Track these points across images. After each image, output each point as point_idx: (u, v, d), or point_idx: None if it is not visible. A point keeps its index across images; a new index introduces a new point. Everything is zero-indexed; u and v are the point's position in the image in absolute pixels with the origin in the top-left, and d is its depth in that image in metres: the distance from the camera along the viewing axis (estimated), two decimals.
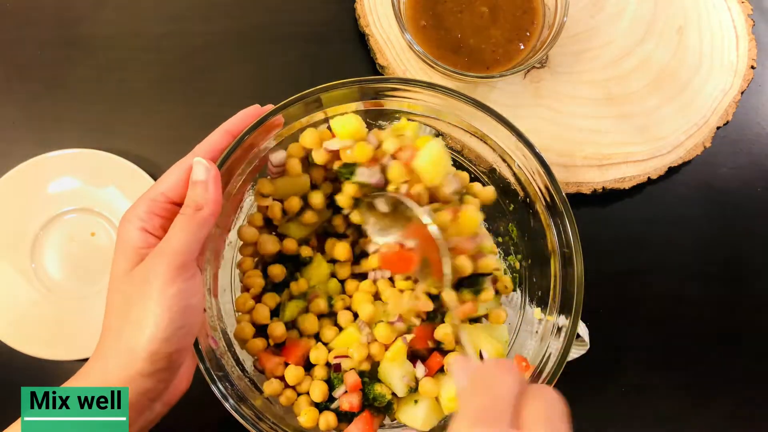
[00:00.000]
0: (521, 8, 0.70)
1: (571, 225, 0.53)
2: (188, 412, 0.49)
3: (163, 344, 0.42)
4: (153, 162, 0.70)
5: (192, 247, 0.44)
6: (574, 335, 0.52)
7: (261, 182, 0.55)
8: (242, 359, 0.55)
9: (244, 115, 0.51)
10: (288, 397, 0.53)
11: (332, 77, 0.54)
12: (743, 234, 0.74)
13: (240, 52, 0.75)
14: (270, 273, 0.55)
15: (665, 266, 0.72)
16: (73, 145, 0.69)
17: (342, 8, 0.76)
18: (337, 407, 0.53)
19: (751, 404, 0.70)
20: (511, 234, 0.61)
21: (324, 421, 0.52)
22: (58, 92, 0.73)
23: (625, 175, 0.71)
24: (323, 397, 0.53)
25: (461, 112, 0.56)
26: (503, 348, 0.55)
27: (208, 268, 0.51)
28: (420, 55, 0.65)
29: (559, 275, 0.54)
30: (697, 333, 0.71)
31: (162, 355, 0.42)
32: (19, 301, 0.66)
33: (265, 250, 0.55)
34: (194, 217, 0.44)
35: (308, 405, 0.53)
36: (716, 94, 0.74)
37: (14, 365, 0.66)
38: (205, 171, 0.46)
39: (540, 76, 0.73)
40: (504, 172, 0.59)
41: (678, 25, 0.75)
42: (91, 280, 0.68)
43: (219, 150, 0.49)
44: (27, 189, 0.68)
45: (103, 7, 0.76)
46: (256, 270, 0.56)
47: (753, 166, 0.75)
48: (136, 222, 0.45)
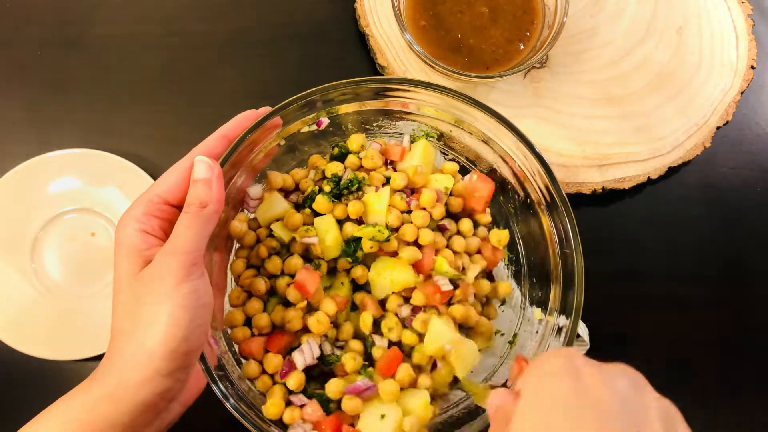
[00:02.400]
0: (521, 8, 0.70)
1: (571, 225, 0.53)
2: (189, 411, 0.49)
3: (182, 343, 0.42)
4: (153, 162, 0.71)
5: (200, 244, 0.44)
6: (574, 335, 0.52)
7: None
8: (242, 359, 0.55)
9: (240, 120, 0.51)
10: (264, 383, 0.53)
11: (332, 77, 0.54)
12: (743, 234, 0.74)
13: (240, 52, 0.75)
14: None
15: (665, 266, 0.72)
16: (73, 145, 0.69)
17: (342, 8, 0.76)
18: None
19: (751, 404, 0.70)
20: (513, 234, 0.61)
21: (289, 415, 0.51)
22: (58, 92, 0.73)
23: (625, 175, 0.71)
24: (298, 387, 0.52)
25: (461, 112, 0.56)
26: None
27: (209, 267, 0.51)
28: (420, 55, 0.65)
29: (559, 275, 0.54)
30: (697, 333, 0.71)
31: (180, 354, 0.42)
32: (19, 301, 0.66)
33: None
34: (199, 215, 0.44)
35: (282, 396, 0.52)
36: (716, 94, 0.74)
37: (14, 365, 0.66)
38: (208, 169, 0.46)
39: (540, 76, 0.73)
40: (504, 172, 0.59)
41: (678, 25, 0.75)
42: (91, 280, 0.68)
43: (215, 154, 0.49)
44: (27, 189, 0.68)
45: (103, 7, 0.76)
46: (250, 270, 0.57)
47: (753, 166, 0.75)
48: (135, 224, 0.45)
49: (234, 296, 0.54)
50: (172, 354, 0.41)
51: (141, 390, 0.41)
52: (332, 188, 0.55)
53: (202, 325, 0.44)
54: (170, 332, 0.41)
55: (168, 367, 0.42)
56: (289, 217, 0.54)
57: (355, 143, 0.58)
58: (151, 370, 0.41)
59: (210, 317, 0.45)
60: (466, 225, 0.58)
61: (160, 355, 0.41)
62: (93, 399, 0.42)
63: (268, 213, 0.56)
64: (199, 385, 0.48)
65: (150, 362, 0.41)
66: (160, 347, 0.41)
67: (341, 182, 0.56)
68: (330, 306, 0.53)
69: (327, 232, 0.54)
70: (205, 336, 0.45)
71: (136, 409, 0.42)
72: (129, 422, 0.42)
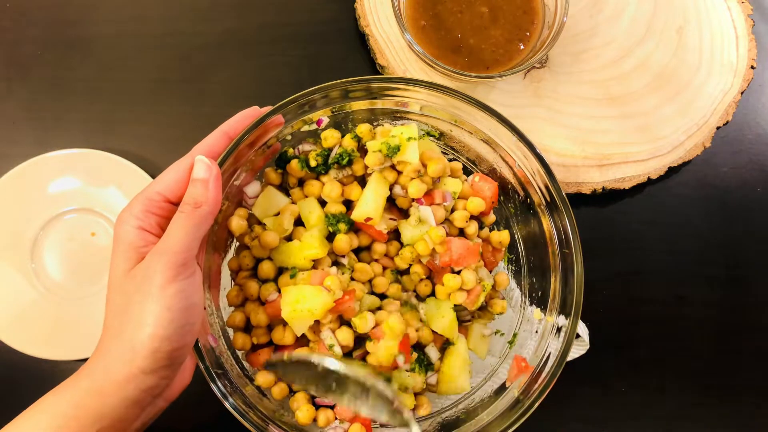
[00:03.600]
0: (521, 8, 0.70)
1: (571, 225, 0.53)
2: (188, 410, 0.49)
3: (164, 342, 0.42)
4: (153, 162, 0.71)
5: (191, 245, 0.44)
6: (573, 335, 0.52)
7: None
8: (241, 357, 0.55)
9: (242, 117, 0.51)
10: (281, 389, 0.53)
11: (332, 77, 0.54)
12: (743, 234, 0.74)
13: (240, 52, 0.75)
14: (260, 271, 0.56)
15: (665, 266, 0.72)
16: (74, 145, 0.69)
17: (342, 8, 0.76)
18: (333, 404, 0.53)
19: (751, 404, 0.70)
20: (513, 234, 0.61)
21: (324, 417, 0.52)
22: (58, 92, 0.73)
23: (625, 175, 0.71)
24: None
25: (462, 112, 0.56)
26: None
27: (208, 265, 0.51)
28: (420, 55, 0.65)
29: (559, 276, 0.54)
30: (697, 333, 0.71)
31: (163, 353, 0.42)
32: (19, 301, 0.66)
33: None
34: (193, 215, 0.44)
35: (306, 401, 0.53)
36: (716, 94, 0.74)
37: (14, 365, 0.66)
38: (207, 169, 0.46)
39: (540, 76, 0.73)
40: (504, 172, 0.59)
41: (678, 25, 0.75)
42: (91, 280, 0.68)
43: (216, 152, 0.49)
44: (27, 189, 0.68)
45: (103, 7, 0.76)
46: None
47: (753, 166, 0.75)
48: (133, 221, 0.45)
49: (232, 296, 0.54)
50: (155, 353, 0.42)
51: (127, 386, 0.42)
52: (319, 163, 0.55)
53: (189, 325, 0.44)
54: (154, 332, 0.42)
55: (151, 366, 0.42)
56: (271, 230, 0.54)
57: (362, 131, 0.58)
58: (135, 368, 0.42)
59: (199, 317, 0.46)
60: (471, 228, 0.57)
61: (144, 354, 0.42)
62: (81, 393, 0.42)
63: (266, 209, 0.56)
64: (183, 382, 0.49)
65: (134, 360, 0.42)
66: (144, 346, 0.42)
67: (330, 157, 0.56)
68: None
69: (310, 213, 0.54)
70: (192, 335, 0.45)
71: (123, 404, 0.42)
72: (116, 417, 0.42)
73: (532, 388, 0.51)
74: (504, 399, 0.53)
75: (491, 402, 0.54)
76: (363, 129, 0.56)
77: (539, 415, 0.50)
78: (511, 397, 0.52)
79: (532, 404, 0.50)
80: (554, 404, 0.54)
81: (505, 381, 0.55)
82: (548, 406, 0.51)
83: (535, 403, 0.50)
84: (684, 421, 0.69)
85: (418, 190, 0.54)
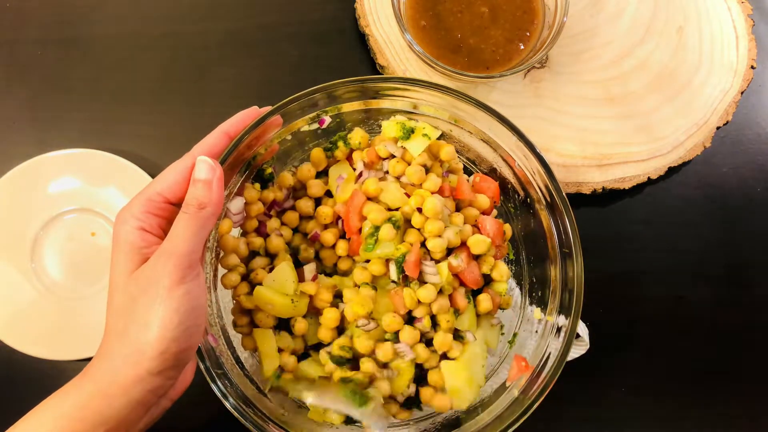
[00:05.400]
0: (521, 8, 0.70)
1: (571, 225, 0.53)
2: (188, 409, 0.49)
3: (172, 343, 0.42)
4: (153, 162, 0.71)
5: (197, 246, 0.44)
6: (573, 335, 0.52)
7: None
8: (241, 357, 0.55)
9: (242, 116, 0.51)
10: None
11: (332, 77, 0.54)
12: (743, 234, 0.74)
13: (240, 52, 0.75)
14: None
15: (665, 266, 0.72)
16: (73, 145, 0.69)
17: (342, 8, 0.76)
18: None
19: (751, 405, 0.70)
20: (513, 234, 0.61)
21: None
22: (58, 92, 0.73)
23: (625, 175, 0.71)
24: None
25: (462, 112, 0.56)
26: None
27: (208, 265, 0.51)
28: (420, 55, 0.65)
29: (559, 275, 0.54)
30: (698, 333, 0.71)
31: (171, 354, 0.42)
32: (19, 301, 0.66)
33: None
34: (197, 216, 0.44)
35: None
36: (716, 94, 0.74)
37: (14, 365, 0.66)
38: (210, 170, 0.45)
39: (540, 76, 0.73)
40: (504, 172, 0.59)
41: (678, 25, 0.75)
42: (91, 280, 0.68)
43: (217, 151, 0.49)
44: (27, 189, 0.68)
45: (103, 7, 0.76)
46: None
47: (753, 166, 0.75)
48: (134, 222, 0.45)
49: (236, 312, 0.55)
50: (163, 355, 0.42)
51: (133, 388, 0.42)
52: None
53: (195, 326, 0.44)
54: (162, 334, 0.42)
55: (159, 367, 0.42)
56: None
57: (357, 137, 0.58)
58: (142, 369, 0.42)
59: (204, 318, 0.46)
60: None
61: (151, 355, 0.42)
62: (86, 395, 0.42)
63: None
64: (186, 381, 0.49)
65: (141, 362, 0.42)
66: (152, 348, 0.42)
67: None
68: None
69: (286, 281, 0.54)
70: (198, 336, 0.45)
71: (129, 406, 0.42)
72: (121, 418, 0.42)
73: (532, 388, 0.51)
74: (504, 399, 0.53)
75: (491, 402, 0.54)
76: (357, 134, 0.57)
77: (539, 415, 0.50)
78: (511, 397, 0.52)
79: (532, 404, 0.50)
80: (554, 404, 0.54)
81: (505, 381, 0.55)
82: (548, 406, 0.51)
83: (535, 403, 0.50)
84: (684, 422, 0.69)
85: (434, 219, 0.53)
